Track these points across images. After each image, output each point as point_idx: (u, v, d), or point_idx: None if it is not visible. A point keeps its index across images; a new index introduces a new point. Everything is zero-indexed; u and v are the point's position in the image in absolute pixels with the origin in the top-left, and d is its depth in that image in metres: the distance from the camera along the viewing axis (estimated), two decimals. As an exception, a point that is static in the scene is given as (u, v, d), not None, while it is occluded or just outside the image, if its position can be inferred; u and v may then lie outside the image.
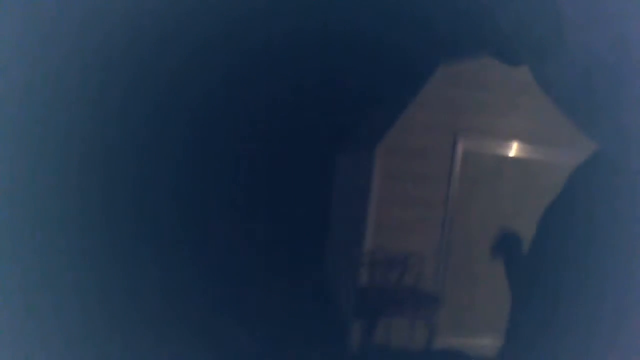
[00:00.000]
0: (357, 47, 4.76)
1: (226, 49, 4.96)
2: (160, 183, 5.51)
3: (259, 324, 4.43)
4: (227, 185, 5.60)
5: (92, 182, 5.32)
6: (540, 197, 4.67)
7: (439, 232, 4.56)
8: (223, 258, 5.28)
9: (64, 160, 5.27)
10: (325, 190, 5.01)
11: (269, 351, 4.06)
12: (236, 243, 5.38)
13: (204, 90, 5.30)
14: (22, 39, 4.87)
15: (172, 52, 5.21)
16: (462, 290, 4.66)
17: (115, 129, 5.39)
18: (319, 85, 4.91)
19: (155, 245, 5.18)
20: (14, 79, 4.90)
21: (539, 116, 4.66)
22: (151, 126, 5.45)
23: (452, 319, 4.63)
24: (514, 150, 4.64)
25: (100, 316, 4.04)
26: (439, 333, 4.57)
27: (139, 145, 5.48)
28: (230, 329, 4.24)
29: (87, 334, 3.75)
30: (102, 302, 4.29)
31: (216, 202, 5.58)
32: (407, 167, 4.49)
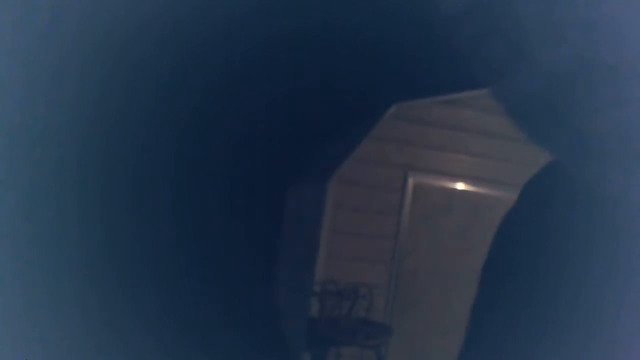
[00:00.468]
0: (313, 77, 4.91)
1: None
2: (158, 184, 5.54)
3: (208, 355, 4.44)
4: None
5: (90, 183, 5.35)
6: (488, 233, 4.84)
7: (388, 264, 4.67)
8: (221, 262, 5.33)
9: (62, 162, 5.30)
10: (276, 221, 5.10)
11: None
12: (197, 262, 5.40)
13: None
14: (21, 38, 4.94)
15: (167, 54, 5.30)
16: (411, 321, 4.75)
17: (114, 129, 5.43)
18: (271, 114, 5.03)
19: (154, 247, 5.20)
20: (13, 79, 4.95)
21: (488, 155, 4.85)
22: (148, 127, 5.50)
23: (401, 349, 4.71)
24: (463, 187, 4.80)
25: (99, 319, 4.08)
26: (389, 363, 4.64)
27: (136, 147, 5.51)
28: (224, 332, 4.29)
29: (86, 337, 3.80)
30: (101, 305, 4.32)
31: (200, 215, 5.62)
32: (359, 199, 4.61)
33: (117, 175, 5.37)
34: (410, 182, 4.67)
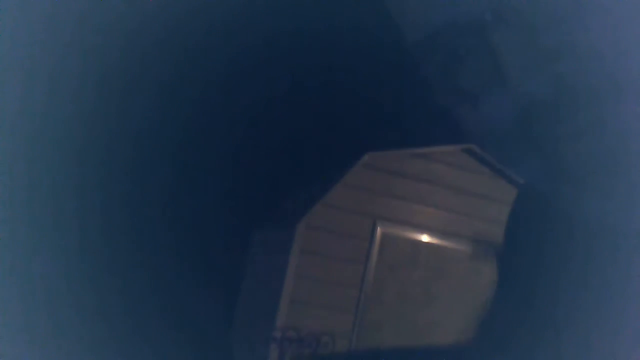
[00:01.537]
0: (289, 121, 4.98)
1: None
2: (157, 187, 5.42)
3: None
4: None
5: (89, 184, 5.22)
6: (451, 286, 4.86)
7: (352, 313, 4.61)
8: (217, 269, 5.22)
9: (62, 162, 5.18)
10: (242, 262, 5.04)
11: None
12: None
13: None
14: (21, 38, 4.90)
15: (165, 57, 5.30)
16: (372, 374, 4.65)
17: (113, 129, 5.34)
18: (244, 156, 5.05)
19: (152, 254, 5.06)
20: (13, 79, 4.90)
21: (456, 210, 4.92)
22: (147, 128, 5.43)
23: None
24: (430, 239, 4.83)
25: (98, 325, 4.06)
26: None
27: (134, 147, 5.42)
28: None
29: (84, 342, 3.78)
30: (99, 307, 4.24)
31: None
32: (326, 246, 4.59)
33: (116, 175, 5.27)
34: (379, 231, 4.68)
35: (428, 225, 4.83)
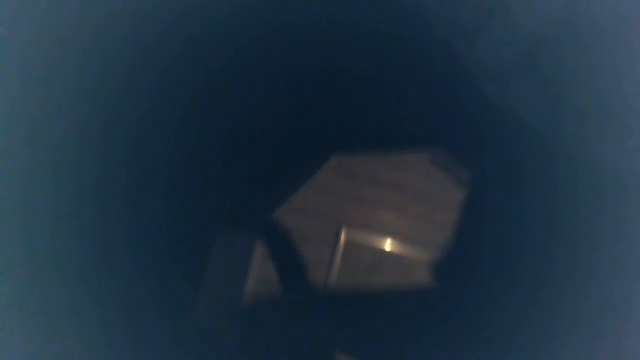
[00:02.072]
0: (253, 125, 4.90)
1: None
2: (156, 186, 5.33)
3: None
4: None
5: (87, 182, 5.13)
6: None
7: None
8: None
9: (59, 162, 5.07)
10: (203, 263, 4.97)
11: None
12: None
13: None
14: (18, 37, 4.78)
15: (165, 52, 5.21)
16: (333, 379, 4.64)
17: (111, 127, 5.23)
18: (209, 159, 4.97)
19: (152, 255, 4.99)
20: (10, 78, 4.78)
21: (419, 215, 4.90)
22: (145, 127, 5.33)
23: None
24: (394, 246, 4.81)
25: (97, 330, 4.07)
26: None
27: (132, 146, 5.32)
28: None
29: (83, 347, 3.77)
30: (96, 309, 4.22)
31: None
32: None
33: (113, 174, 5.16)
34: (343, 236, 4.64)
35: (393, 232, 4.80)
